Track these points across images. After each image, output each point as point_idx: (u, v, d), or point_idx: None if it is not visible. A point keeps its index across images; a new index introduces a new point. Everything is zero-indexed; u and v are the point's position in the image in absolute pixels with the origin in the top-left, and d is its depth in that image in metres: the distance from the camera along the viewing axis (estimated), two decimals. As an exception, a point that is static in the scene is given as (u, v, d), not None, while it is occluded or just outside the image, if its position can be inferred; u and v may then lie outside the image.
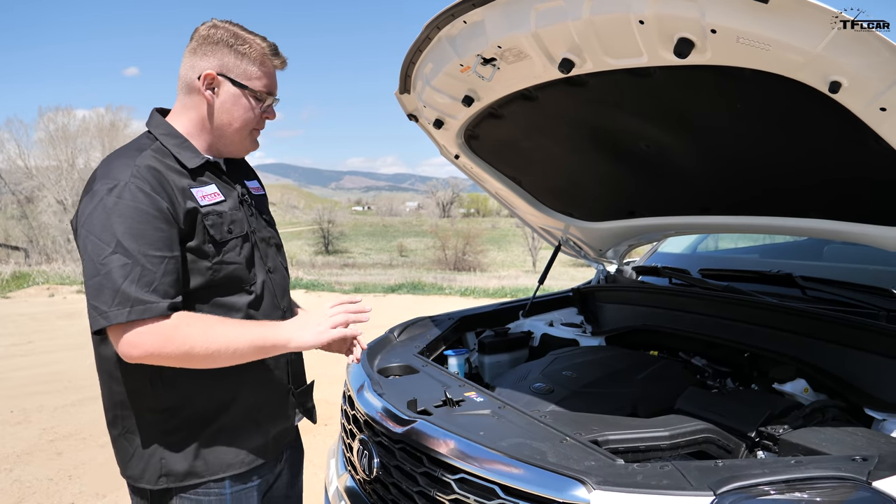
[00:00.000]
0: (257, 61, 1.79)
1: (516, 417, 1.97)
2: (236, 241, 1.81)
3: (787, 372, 2.18)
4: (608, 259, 3.60)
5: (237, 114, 1.81)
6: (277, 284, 1.97)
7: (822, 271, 2.82)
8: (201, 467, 1.77)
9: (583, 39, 1.81)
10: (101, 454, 5.09)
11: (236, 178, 1.95)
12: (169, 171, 1.71)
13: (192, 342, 1.60)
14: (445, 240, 39.20)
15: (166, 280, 1.60)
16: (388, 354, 2.81)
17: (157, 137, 1.79)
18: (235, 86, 1.78)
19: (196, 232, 1.71)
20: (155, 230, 1.61)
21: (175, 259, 1.64)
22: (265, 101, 1.85)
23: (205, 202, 1.75)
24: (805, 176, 2.09)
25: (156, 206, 1.62)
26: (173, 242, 1.64)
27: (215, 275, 1.75)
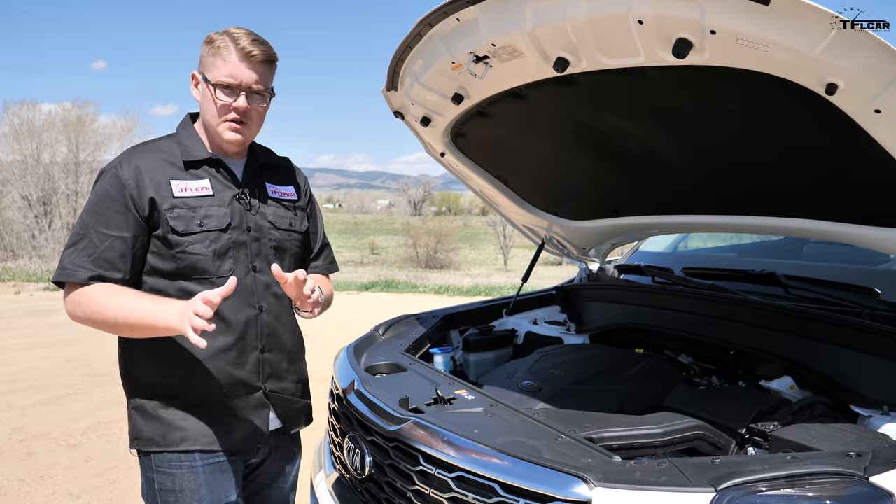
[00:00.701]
0: (220, 55, 1.90)
1: (509, 415, 1.97)
2: (208, 234, 1.92)
3: (774, 369, 2.21)
4: (590, 258, 3.62)
5: (206, 106, 1.95)
6: (261, 284, 2.03)
7: (802, 270, 2.86)
8: (159, 437, 1.94)
9: (579, 39, 1.82)
10: (73, 454, 5.00)
11: (257, 178, 2.08)
12: (157, 163, 1.92)
13: (98, 308, 1.80)
14: (417, 238, 39.12)
15: (107, 255, 1.83)
16: (373, 353, 2.79)
17: (177, 133, 2.02)
18: (204, 81, 1.93)
19: (161, 222, 1.88)
20: (111, 211, 1.85)
21: (123, 240, 1.85)
22: (230, 91, 1.91)
23: (181, 194, 1.91)
24: (794, 176, 2.12)
25: (121, 191, 1.86)
26: (126, 225, 1.85)
27: (179, 262, 1.90)
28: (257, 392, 2.03)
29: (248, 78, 1.91)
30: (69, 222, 24.17)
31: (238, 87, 1.91)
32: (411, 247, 38.73)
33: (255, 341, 2.02)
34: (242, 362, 1.99)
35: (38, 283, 16.02)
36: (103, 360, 7.73)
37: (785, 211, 2.31)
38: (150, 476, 1.97)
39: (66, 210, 24.34)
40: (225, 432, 1.97)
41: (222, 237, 1.93)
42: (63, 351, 8.46)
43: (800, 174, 2.10)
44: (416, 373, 2.45)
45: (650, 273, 3.20)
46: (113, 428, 5.55)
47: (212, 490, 1.95)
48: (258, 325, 2.01)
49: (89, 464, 4.83)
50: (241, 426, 2.00)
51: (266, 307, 2.03)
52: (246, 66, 1.90)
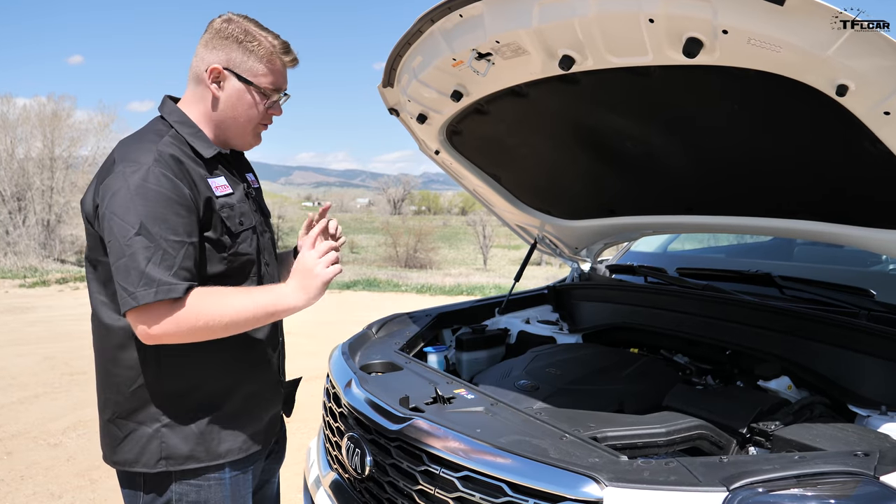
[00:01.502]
0: (265, 59, 1.81)
1: (511, 415, 1.96)
2: (248, 232, 1.87)
3: (772, 369, 2.22)
4: (582, 257, 3.63)
5: (241, 109, 1.85)
6: (273, 275, 2.02)
7: (794, 271, 2.89)
8: (202, 452, 1.79)
9: (587, 36, 1.81)
10: (54, 453, 4.91)
11: (240, 171, 2.00)
12: (187, 160, 1.76)
13: (208, 317, 1.65)
14: (397, 237, 39.07)
15: (185, 264, 1.65)
16: (368, 351, 2.77)
17: (172, 125, 1.82)
18: (241, 81, 1.81)
19: (213, 222, 1.76)
20: (176, 215, 1.65)
21: (193, 245, 1.69)
22: (271, 98, 1.88)
23: (219, 193, 1.80)
24: (796, 177, 2.14)
25: (178, 191, 1.67)
26: (193, 228, 1.69)
27: (230, 265, 1.81)
28: (278, 385, 2.04)
29: (286, 85, 1.90)
30: (44, 218, 23.83)
31: (278, 93, 1.88)
32: (391, 246, 38.70)
33: (277, 335, 2.03)
34: (272, 357, 1.98)
35: (13, 279, 15.76)
36: (83, 358, 7.61)
37: (784, 212, 2.32)
38: (168, 497, 1.80)
39: (41, 206, 23.97)
40: (258, 437, 1.92)
41: (253, 236, 1.89)
42: (41, 349, 8.31)
43: (801, 175, 2.11)
44: (413, 371, 2.44)
45: (643, 273, 3.21)
46: (94, 427, 5.46)
47: (235, 500, 1.88)
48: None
49: (70, 463, 4.75)
50: (268, 427, 1.98)
51: None
52: (285, 73, 1.89)
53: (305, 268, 1.78)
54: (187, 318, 1.63)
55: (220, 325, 1.67)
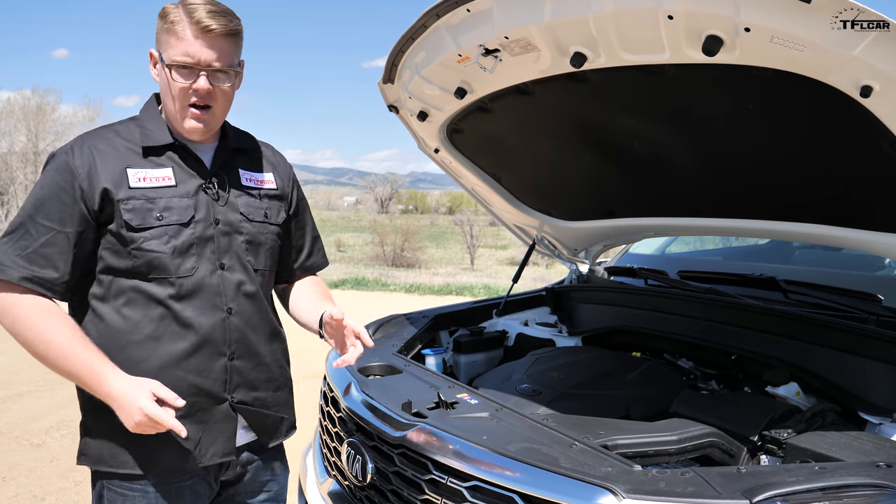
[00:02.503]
0: (174, 31, 1.67)
1: (517, 421, 1.91)
2: (167, 228, 1.72)
3: (781, 375, 2.18)
4: (581, 259, 3.59)
5: (165, 90, 1.75)
6: (230, 284, 1.80)
7: (795, 275, 2.85)
8: (109, 457, 1.73)
9: (601, 33, 1.76)
10: (37, 454, 4.80)
11: (228, 165, 1.87)
12: (113, 149, 1.73)
13: (22, 327, 1.61)
14: (384, 236, 38.94)
15: (45, 251, 1.62)
16: (365, 353, 2.69)
17: (140, 116, 1.81)
18: (161, 61, 1.71)
19: (115, 215, 1.69)
20: (57, 201, 1.64)
21: (65, 235, 1.64)
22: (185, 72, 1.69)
23: (138, 184, 1.71)
24: (806, 180, 2.10)
25: (70, 180, 1.66)
26: (70, 219, 1.65)
27: (135, 261, 1.70)
28: (223, 404, 1.80)
29: (207, 56, 1.67)
30: (27, 213, 23.49)
31: (196, 66, 1.67)
32: (378, 245, 38.56)
33: (223, 347, 1.78)
34: (206, 370, 1.76)
35: (-6, 275, 15.53)
36: (66, 356, 7.47)
37: (791, 215, 2.28)
38: (102, 493, 1.77)
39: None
40: (183, 453, 1.74)
41: (183, 232, 1.73)
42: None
43: (812, 178, 2.08)
44: (413, 375, 2.38)
45: (643, 275, 3.17)
46: (77, 426, 5.35)
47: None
48: (226, 329, 1.78)
49: (54, 464, 4.65)
50: (203, 444, 1.77)
51: (236, 309, 1.81)
52: (203, 42, 1.66)
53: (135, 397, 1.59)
54: (11, 317, 1.62)
55: (30, 348, 1.62)
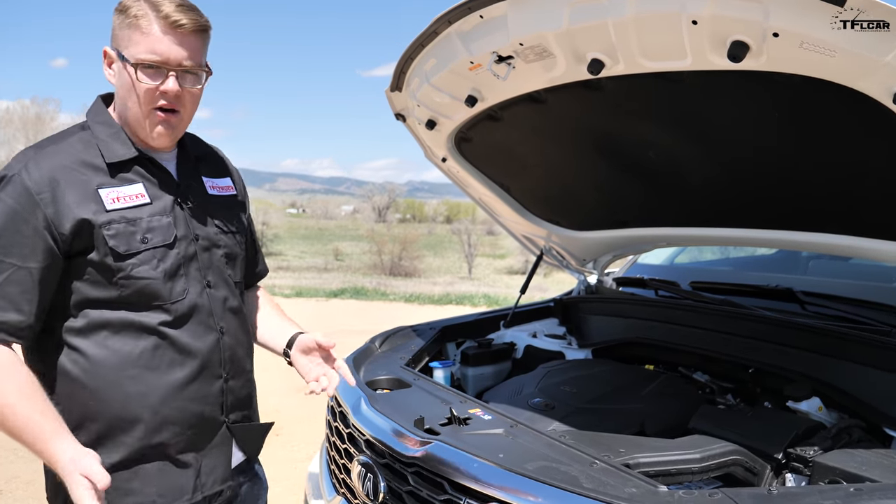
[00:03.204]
0: (137, 26, 1.49)
1: (533, 438, 1.85)
2: (154, 251, 1.56)
3: (802, 389, 2.13)
4: (589, 270, 3.53)
5: (125, 91, 1.54)
6: (217, 301, 1.70)
7: (811, 286, 2.80)
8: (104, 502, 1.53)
9: (620, 39, 1.72)
10: (35, 466, 4.69)
11: (191, 174, 1.72)
12: (77, 167, 1.51)
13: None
14: (382, 245, 38.90)
15: (5, 290, 1.42)
16: (372, 366, 2.66)
17: (90, 125, 1.58)
18: (120, 59, 1.52)
19: (95, 243, 1.50)
20: (16, 233, 1.43)
21: (28, 271, 1.43)
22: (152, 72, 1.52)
23: (114, 206, 1.52)
24: (830, 189, 2.05)
25: (30, 207, 1.44)
26: (34, 253, 1.44)
27: (123, 290, 1.53)
28: (220, 427, 1.71)
29: (177, 54, 1.51)
30: (24, 222, 23.42)
31: (165, 65, 1.51)
32: (375, 253, 38.50)
33: (219, 369, 1.69)
34: (205, 395, 1.65)
35: (-9, 284, 15.45)
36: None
37: (816, 225, 2.23)
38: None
39: (22, 210, 23.57)
40: (181, 484, 1.63)
41: (169, 254, 1.59)
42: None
43: (840, 187, 2.03)
44: (422, 389, 2.32)
45: (654, 286, 3.12)
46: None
47: None
48: (220, 350, 1.69)
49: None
50: (204, 472, 1.68)
51: (226, 327, 1.71)
52: (172, 39, 1.50)
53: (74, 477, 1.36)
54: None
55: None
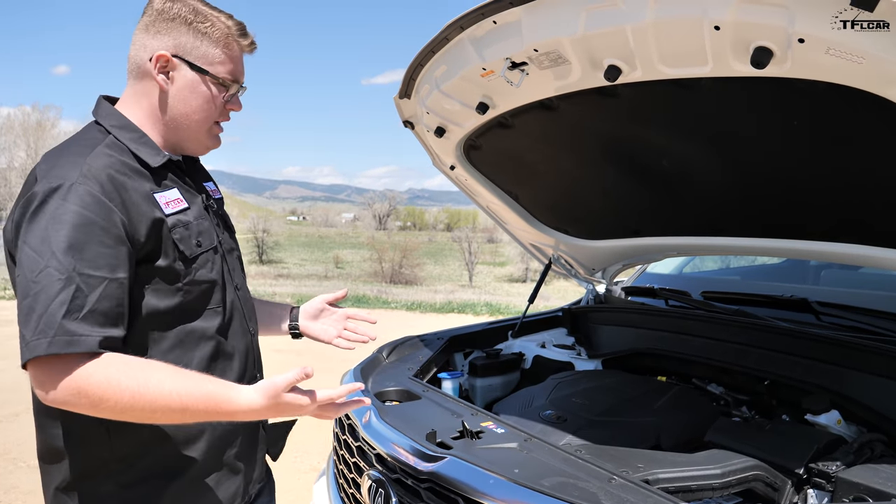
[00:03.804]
0: (221, 42, 1.54)
1: (547, 452, 1.80)
2: (207, 254, 1.57)
3: (821, 402, 2.08)
4: (598, 279, 3.49)
5: (195, 104, 1.55)
6: (246, 303, 1.73)
7: (824, 296, 2.76)
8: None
9: (639, 45, 1.68)
10: (35, 476, 4.63)
11: (196, 180, 1.70)
12: (128, 173, 1.45)
13: (117, 394, 1.27)
14: (382, 252, 38.90)
15: (101, 307, 1.31)
16: (380, 377, 2.61)
17: (109, 130, 1.51)
18: (194, 70, 1.53)
19: (164, 248, 1.46)
20: (99, 245, 1.33)
21: (119, 283, 1.35)
22: (230, 90, 1.59)
23: (169, 210, 1.49)
24: (851, 198, 2.01)
25: (106, 215, 1.35)
26: (120, 263, 1.36)
27: (186, 297, 1.50)
28: (258, 429, 1.73)
29: (244, 74, 1.62)
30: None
31: (237, 83, 1.60)
32: (376, 261, 38.50)
33: (254, 370, 1.71)
34: None
35: (-9, 291, 15.41)
36: (64, 376, 7.34)
37: (832, 235, 2.19)
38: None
39: (23, 216, 23.56)
40: (233, 491, 1.63)
41: (215, 257, 1.59)
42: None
43: (857, 196, 1.99)
44: (432, 401, 2.28)
45: (664, 296, 3.08)
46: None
47: None
48: (253, 350, 1.73)
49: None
50: (247, 474, 1.69)
51: (253, 328, 1.75)
52: (243, 60, 1.61)
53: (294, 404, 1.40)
54: (91, 390, 1.26)
55: (134, 411, 1.30)
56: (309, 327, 1.87)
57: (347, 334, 1.81)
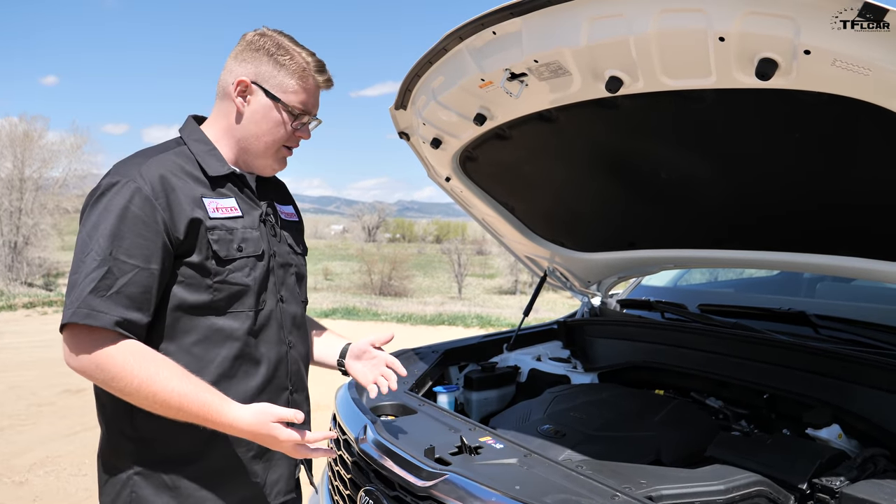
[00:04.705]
0: (296, 75, 1.70)
1: (548, 468, 1.77)
2: (247, 260, 1.67)
3: (823, 416, 2.07)
4: (593, 291, 3.47)
5: (265, 127, 1.71)
6: (288, 315, 1.80)
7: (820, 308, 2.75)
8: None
9: (641, 56, 1.67)
10: (19, 492, 4.59)
11: (266, 197, 1.82)
12: (182, 177, 1.61)
13: (128, 377, 1.45)
14: (371, 264, 38.76)
15: (128, 291, 1.47)
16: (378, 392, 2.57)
17: (185, 141, 1.71)
18: (269, 97, 1.69)
19: (199, 246, 1.59)
20: (137, 236, 1.50)
21: (150, 273, 1.50)
22: (301, 119, 1.75)
23: (216, 214, 1.63)
24: (850, 211, 2.00)
25: (148, 211, 1.52)
26: (154, 255, 1.51)
27: (216, 294, 1.61)
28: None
29: (317, 106, 1.77)
30: (10, 240, 23.21)
31: (308, 114, 1.75)
32: (365, 273, 38.34)
33: (286, 381, 1.78)
34: (281, 402, 1.75)
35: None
36: (51, 388, 7.25)
37: (831, 248, 2.18)
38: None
39: (9, 227, 23.35)
40: (251, 494, 1.70)
41: (258, 265, 1.70)
42: (6, 377, 7.91)
43: (856, 208, 1.98)
44: (429, 415, 2.24)
45: (660, 309, 3.06)
46: (62, 463, 5.15)
47: None
48: (287, 363, 1.79)
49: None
50: (269, 483, 1.74)
51: (293, 342, 1.81)
52: (317, 93, 1.76)
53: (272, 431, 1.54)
54: (107, 367, 1.45)
55: (138, 395, 1.47)
56: (352, 366, 1.99)
57: (381, 381, 1.92)
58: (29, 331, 11.71)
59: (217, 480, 1.63)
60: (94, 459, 5.10)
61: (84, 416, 6.33)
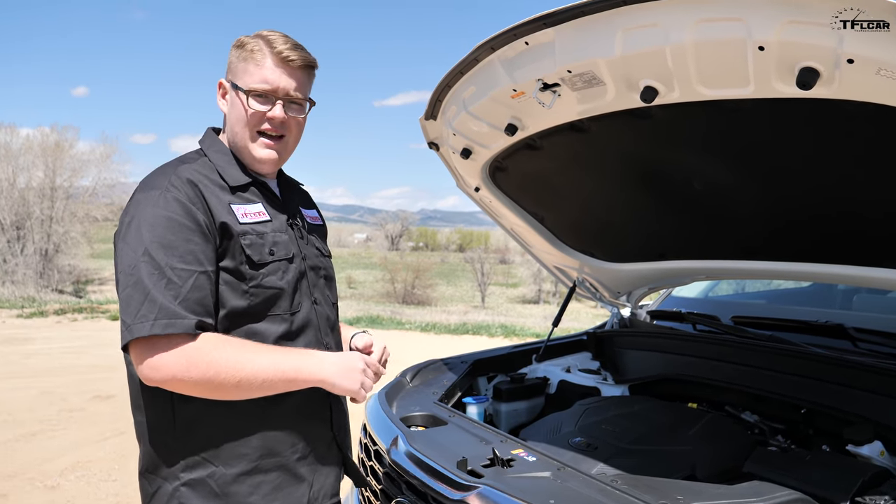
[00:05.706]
0: (252, 59, 1.67)
1: (582, 482, 1.75)
2: (279, 264, 1.67)
3: (864, 432, 2.02)
4: (622, 302, 3.44)
5: (235, 115, 1.71)
6: (322, 318, 1.80)
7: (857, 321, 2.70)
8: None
9: (678, 66, 1.65)
10: (51, 496, 4.64)
11: (290, 202, 1.84)
12: (209, 184, 1.63)
13: (219, 367, 1.47)
14: (395, 273, 38.81)
15: (193, 296, 1.49)
16: (405, 401, 2.57)
17: (206, 153, 1.72)
18: (234, 89, 1.69)
19: (231, 251, 1.59)
20: (186, 242, 1.51)
21: (207, 275, 1.52)
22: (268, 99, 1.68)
23: (245, 220, 1.64)
24: (891, 222, 1.96)
25: (190, 216, 1.53)
26: (206, 257, 1.53)
27: (253, 299, 1.62)
28: (330, 442, 1.79)
29: (286, 84, 1.68)
30: (41, 248, 23.62)
31: (274, 94, 1.67)
32: (388, 282, 38.41)
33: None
34: (318, 410, 1.75)
35: (10, 309, 15.49)
36: (81, 394, 7.36)
37: (871, 260, 2.14)
38: None
39: (40, 235, 23.79)
40: (297, 497, 1.68)
41: (290, 267, 1.70)
42: (38, 382, 8.03)
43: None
44: (460, 427, 2.23)
45: (692, 320, 3.02)
46: (93, 468, 5.20)
47: None
48: None
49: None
50: (315, 486, 1.73)
51: (330, 343, 1.80)
52: (283, 71, 1.67)
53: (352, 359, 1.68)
54: (196, 365, 1.45)
55: (232, 383, 1.48)
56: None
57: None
58: (59, 337, 11.89)
59: (265, 485, 1.62)
60: (123, 464, 5.16)
61: (114, 422, 6.40)
